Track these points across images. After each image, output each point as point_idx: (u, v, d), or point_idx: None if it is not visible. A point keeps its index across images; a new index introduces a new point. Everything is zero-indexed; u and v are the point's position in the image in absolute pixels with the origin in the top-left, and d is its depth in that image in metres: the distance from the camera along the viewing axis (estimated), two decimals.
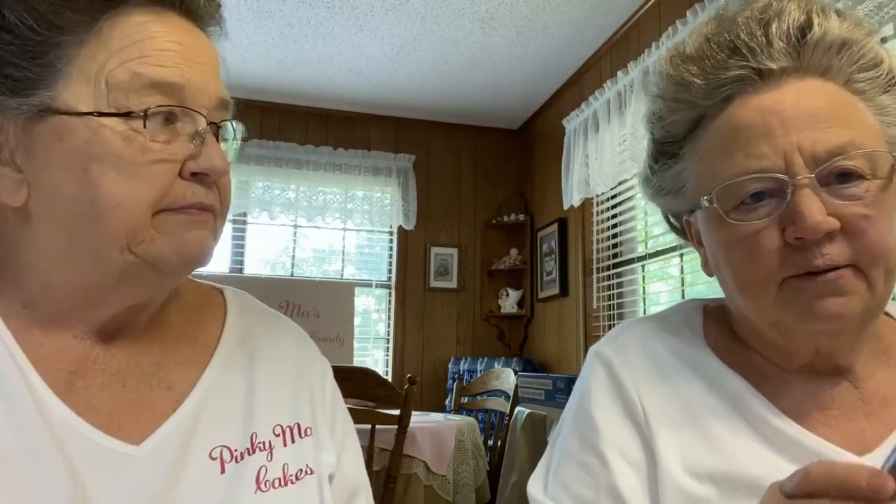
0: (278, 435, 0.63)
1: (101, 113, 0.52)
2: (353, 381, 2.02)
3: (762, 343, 0.67)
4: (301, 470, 0.63)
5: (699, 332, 0.72)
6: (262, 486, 0.59)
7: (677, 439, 0.64)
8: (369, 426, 2.00)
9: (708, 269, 0.71)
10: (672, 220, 0.77)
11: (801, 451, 0.61)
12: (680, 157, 0.69)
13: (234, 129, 0.61)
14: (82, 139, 0.52)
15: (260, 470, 0.60)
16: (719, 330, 0.72)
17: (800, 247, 0.58)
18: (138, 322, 0.61)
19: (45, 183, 0.53)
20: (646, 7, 3.11)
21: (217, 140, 0.57)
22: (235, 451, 0.60)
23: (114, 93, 0.52)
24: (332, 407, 0.71)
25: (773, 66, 0.61)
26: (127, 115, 0.52)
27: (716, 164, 0.63)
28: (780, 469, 0.60)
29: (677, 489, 0.61)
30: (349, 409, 0.74)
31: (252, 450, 0.61)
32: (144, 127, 0.53)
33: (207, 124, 0.56)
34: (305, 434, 0.65)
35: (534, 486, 0.69)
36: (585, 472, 0.65)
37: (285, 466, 0.62)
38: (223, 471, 0.58)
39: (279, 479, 0.61)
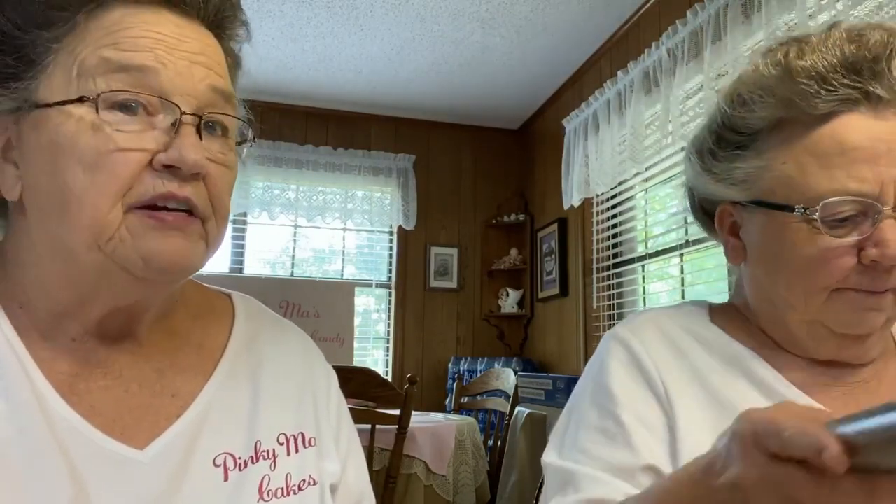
0: (282, 444, 0.62)
1: (64, 101, 0.51)
2: (353, 381, 2.02)
3: (785, 336, 0.71)
4: (304, 480, 0.62)
5: (707, 321, 0.77)
6: (265, 495, 0.59)
7: (696, 410, 0.67)
8: (369, 426, 2.00)
9: (736, 258, 0.74)
10: (700, 203, 0.80)
11: None
12: (750, 150, 0.70)
13: (244, 126, 0.59)
14: (53, 130, 0.51)
15: (263, 479, 0.59)
16: (726, 322, 0.76)
17: (871, 268, 0.63)
18: (140, 327, 0.60)
19: (29, 176, 0.54)
20: (646, 7, 3.11)
21: (200, 133, 0.54)
22: (239, 458, 0.59)
23: (82, 79, 0.51)
24: (337, 416, 0.70)
25: (886, 95, 0.64)
26: (80, 100, 0.51)
27: (812, 174, 0.65)
28: None
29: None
30: (349, 410, 0.74)
31: (256, 458, 0.60)
32: (97, 111, 0.50)
33: (182, 114, 0.53)
34: (309, 444, 0.65)
35: (548, 457, 0.72)
36: (603, 435, 0.68)
37: (288, 476, 0.61)
38: (226, 478, 0.58)
39: (282, 489, 0.60)
